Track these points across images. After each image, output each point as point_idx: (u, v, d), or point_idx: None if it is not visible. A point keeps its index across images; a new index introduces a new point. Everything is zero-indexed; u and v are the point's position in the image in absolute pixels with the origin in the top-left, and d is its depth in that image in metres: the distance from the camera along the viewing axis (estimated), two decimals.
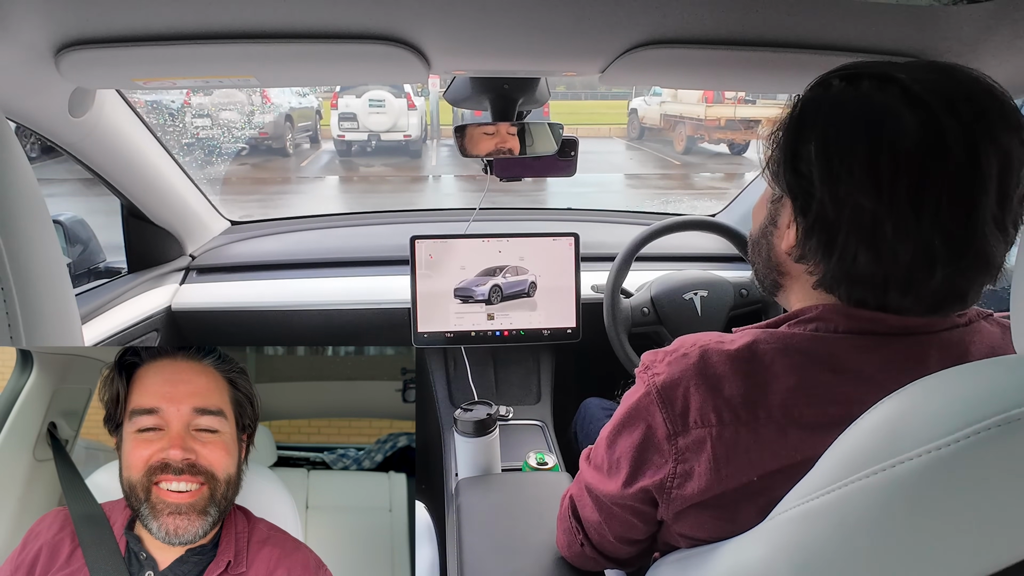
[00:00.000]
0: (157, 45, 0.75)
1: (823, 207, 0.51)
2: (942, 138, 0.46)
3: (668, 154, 10.41)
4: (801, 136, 0.53)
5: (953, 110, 0.47)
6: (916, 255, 0.48)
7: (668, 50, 0.79)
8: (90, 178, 1.18)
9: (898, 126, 0.47)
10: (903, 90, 0.48)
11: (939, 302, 0.51)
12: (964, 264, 0.49)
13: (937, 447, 0.36)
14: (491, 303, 1.35)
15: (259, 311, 1.45)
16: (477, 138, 1.13)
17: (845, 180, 0.49)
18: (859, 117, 0.49)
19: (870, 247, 0.49)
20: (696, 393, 0.53)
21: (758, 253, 0.63)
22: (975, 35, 0.72)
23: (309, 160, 9.52)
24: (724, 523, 0.53)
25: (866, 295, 0.52)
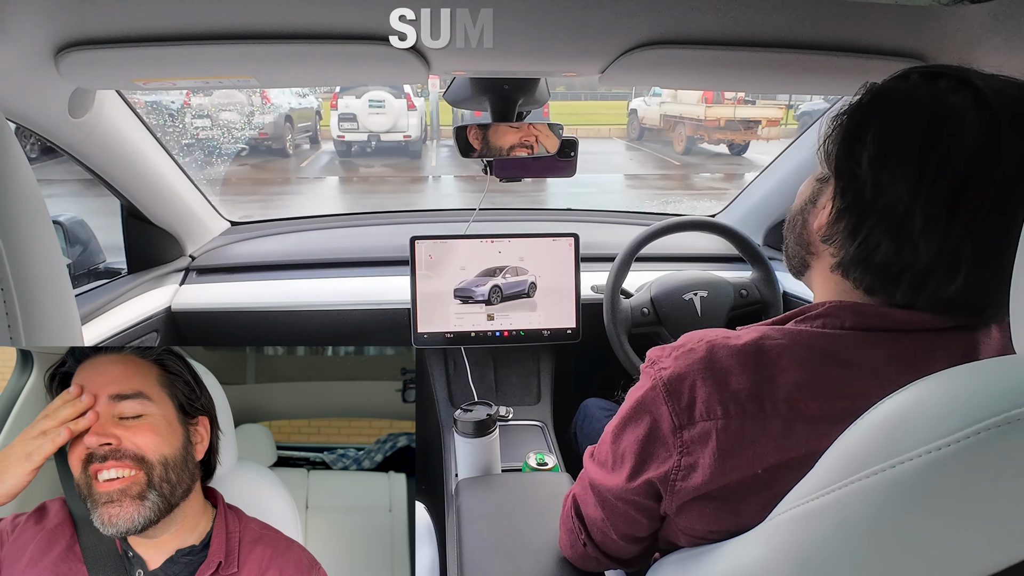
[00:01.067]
0: (157, 46, 0.75)
1: (863, 189, 0.51)
2: (997, 149, 0.46)
3: (668, 154, 10.41)
4: (866, 120, 0.53)
5: (1020, 126, 0.46)
6: (939, 255, 0.48)
7: (668, 51, 0.79)
8: (90, 179, 1.18)
9: (960, 128, 0.47)
10: (976, 94, 0.48)
11: (950, 308, 0.51)
12: (987, 274, 0.48)
13: (937, 447, 0.36)
14: (491, 303, 1.35)
15: (259, 311, 1.45)
16: (501, 132, 1.13)
17: (892, 167, 0.49)
18: (925, 110, 0.49)
19: (895, 238, 0.50)
20: (703, 386, 0.53)
21: (792, 229, 0.63)
22: (975, 35, 0.72)
23: (309, 161, 9.52)
24: (727, 515, 0.53)
25: (876, 284, 0.53)
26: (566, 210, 1.92)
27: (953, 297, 0.50)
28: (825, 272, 0.57)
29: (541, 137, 1.14)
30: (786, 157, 1.54)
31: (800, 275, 0.64)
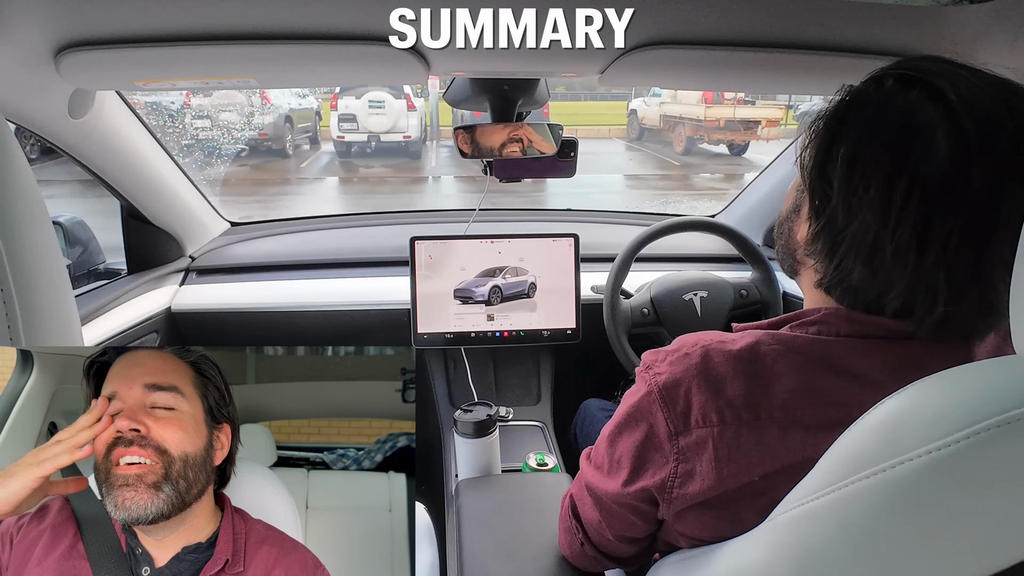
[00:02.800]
0: (157, 46, 0.75)
1: (835, 213, 0.50)
2: (967, 174, 0.45)
3: (667, 155, 10.41)
4: (838, 135, 0.51)
5: (991, 144, 0.45)
6: (915, 287, 0.48)
7: (667, 51, 0.79)
8: (90, 179, 1.18)
9: (927, 151, 0.46)
10: (948, 111, 0.46)
11: (939, 335, 0.51)
12: (965, 307, 0.48)
13: (937, 447, 0.36)
14: (491, 304, 1.35)
15: (259, 312, 1.45)
16: (488, 132, 1.13)
17: (860, 193, 0.48)
18: (894, 130, 0.48)
19: (867, 266, 0.49)
20: (698, 393, 0.53)
21: (780, 235, 0.63)
22: (975, 36, 0.72)
23: (309, 161, 9.52)
24: (726, 523, 0.53)
25: (857, 305, 0.52)
26: (566, 210, 1.92)
27: (939, 323, 0.49)
28: (810, 285, 0.57)
29: (529, 133, 1.14)
30: (786, 157, 1.54)
31: (793, 276, 0.64)
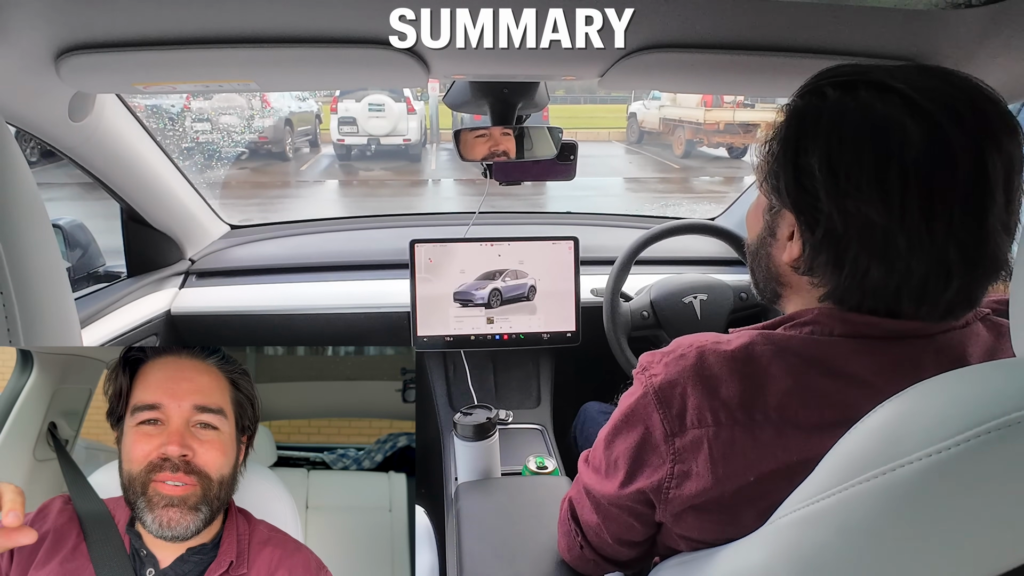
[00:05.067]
0: (158, 50, 0.75)
1: (831, 222, 0.50)
2: (949, 149, 0.46)
3: (667, 158, 10.42)
4: (801, 148, 0.52)
5: (958, 119, 0.47)
6: (931, 267, 0.48)
7: (667, 54, 0.79)
8: (90, 182, 1.18)
9: (903, 138, 0.47)
10: (904, 99, 0.48)
11: (951, 310, 0.51)
12: (979, 273, 0.49)
13: (937, 450, 0.36)
14: (491, 307, 1.35)
15: (258, 315, 1.45)
16: (471, 143, 1.14)
17: (853, 195, 0.49)
18: (862, 128, 0.49)
19: (882, 261, 0.49)
20: (693, 394, 0.53)
21: (758, 263, 0.62)
22: (972, 39, 0.72)
23: (309, 164, 9.53)
24: (725, 526, 0.53)
25: (878, 305, 0.52)
26: (566, 213, 1.92)
27: (952, 299, 0.50)
28: (805, 298, 0.57)
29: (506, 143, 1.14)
30: None
31: (774, 303, 0.63)
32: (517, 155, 1.15)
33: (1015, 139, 0.48)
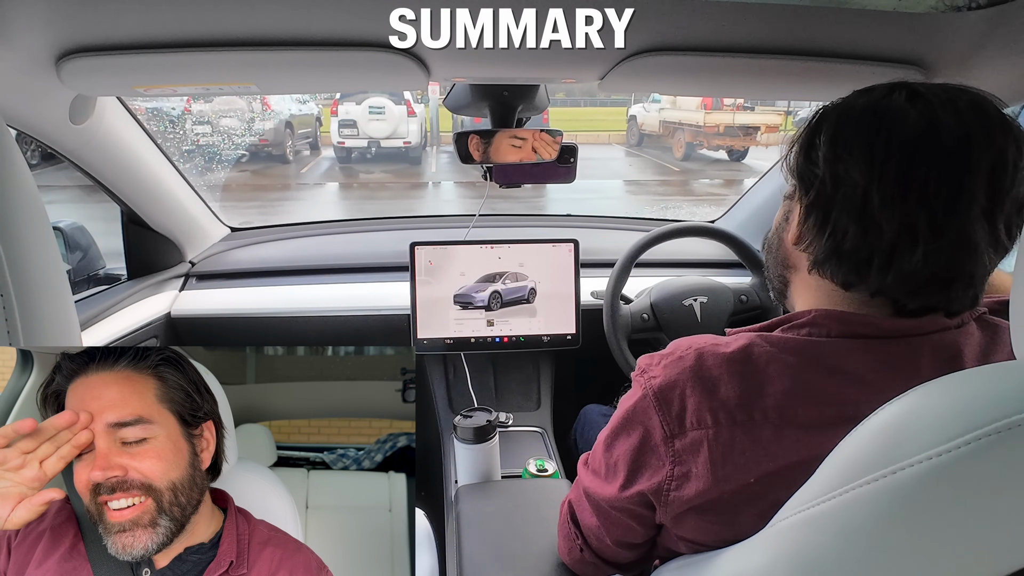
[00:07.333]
0: (158, 53, 0.75)
1: (824, 185, 0.53)
2: (936, 128, 0.49)
3: (667, 160, 10.42)
4: (817, 129, 0.55)
5: (953, 107, 0.49)
6: (900, 231, 0.50)
7: (667, 57, 0.79)
8: (90, 185, 1.18)
9: (901, 117, 0.50)
10: (911, 91, 0.51)
11: (920, 285, 0.52)
12: (944, 243, 0.49)
13: (938, 453, 0.36)
14: (491, 309, 1.35)
15: (259, 317, 1.45)
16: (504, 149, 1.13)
17: (844, 159, 0.51)
18: (868, 110, 0.52)
19: (858, 221, 0.51)
20: (692, 395, 0.53)
21: (771, 251, 0.65)
22: (973, 42, 0.72)
23: (309, 167, 9.53)
24: (725, 527, 0.53)
25: (850, 275, 0.53)
26: (566, 216, 1.92)
27: (917, 271, 0.51)
28: (805, 279, 0.58)
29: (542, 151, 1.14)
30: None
31: (783, 297, 0.65)
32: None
33: (1010, 137, 0.49)
